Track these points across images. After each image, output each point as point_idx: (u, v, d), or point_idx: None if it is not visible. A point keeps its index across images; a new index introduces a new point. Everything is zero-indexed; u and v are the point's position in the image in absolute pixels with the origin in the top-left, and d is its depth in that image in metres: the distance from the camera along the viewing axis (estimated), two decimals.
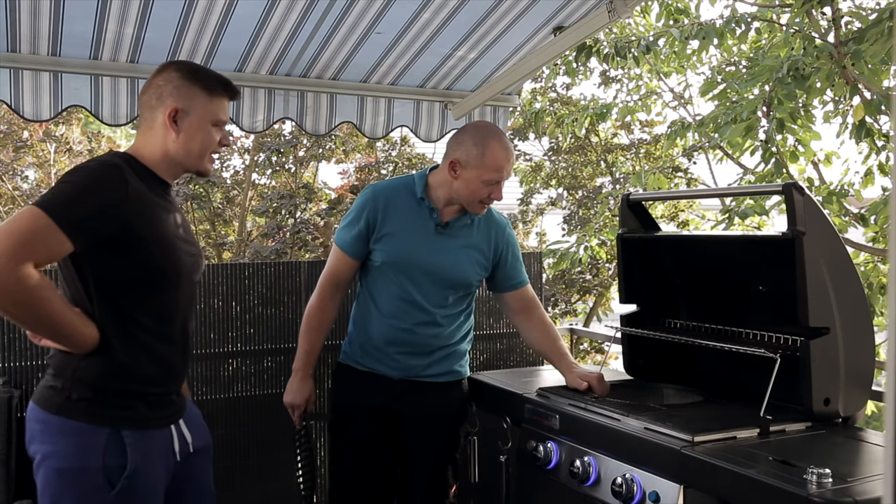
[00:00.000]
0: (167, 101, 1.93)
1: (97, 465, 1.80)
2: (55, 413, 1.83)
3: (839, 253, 2.21)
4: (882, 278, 4.91)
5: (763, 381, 2.17)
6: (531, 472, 2.50)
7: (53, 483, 1.82)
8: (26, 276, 1.64)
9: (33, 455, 1.88)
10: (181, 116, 1.93)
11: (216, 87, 1.98)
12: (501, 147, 2.53)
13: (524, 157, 9.99)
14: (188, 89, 1.94)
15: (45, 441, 1.84)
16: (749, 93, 5.22)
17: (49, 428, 1.84)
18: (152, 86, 1.97)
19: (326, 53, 3.21)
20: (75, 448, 1.81)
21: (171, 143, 1.94)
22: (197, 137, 1.96)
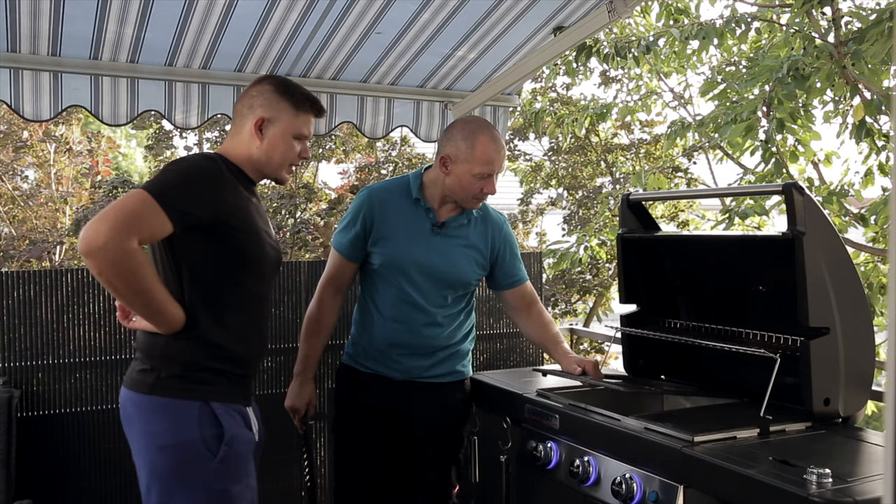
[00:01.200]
0: (257, 111, 2.09)
1: (195, 437, 1.91)
2: (148, 393, 1.93)
3: (839, 253, 2.21)
4: (882, 278, 4.91)
5: (763, 381, 2.16)
6: (531, 472, 2.50)
7: (158, 460, 1.92)
8: (132, 249, 1.79)
9: (130, 440, 1.98)
10: (267, 126, 2.09)
11: (303, 104, 2.13)
12: (491, 139, 2.52)
13: (524, 157, 9.99)
14: (277, 102, 2.10)
15: (141, 422, 1.94)
16: (749, 93, 5.21)
17: (143, 408, 1.94)
18: (246, 96, 2.14)
19: (326, 53, 3.21)
20: (171, 423, 1.91)
21: (255, 150, 2.09)
22: (279, 147, 2.10)
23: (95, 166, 10.02)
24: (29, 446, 2.86)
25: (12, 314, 2.89)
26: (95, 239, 1.75)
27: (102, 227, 1.76)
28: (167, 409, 1.92)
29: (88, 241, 1.75)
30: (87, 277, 3.01)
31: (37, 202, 9.53)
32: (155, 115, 5.97)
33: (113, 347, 3.03)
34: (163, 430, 1.91)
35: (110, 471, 3.01)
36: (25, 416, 2.89)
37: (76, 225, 8.49)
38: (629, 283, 2.81)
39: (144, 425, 1.93)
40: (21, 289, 2.90)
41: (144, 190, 1.85)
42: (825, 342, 2.14)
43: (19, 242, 8.98)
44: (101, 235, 1.76)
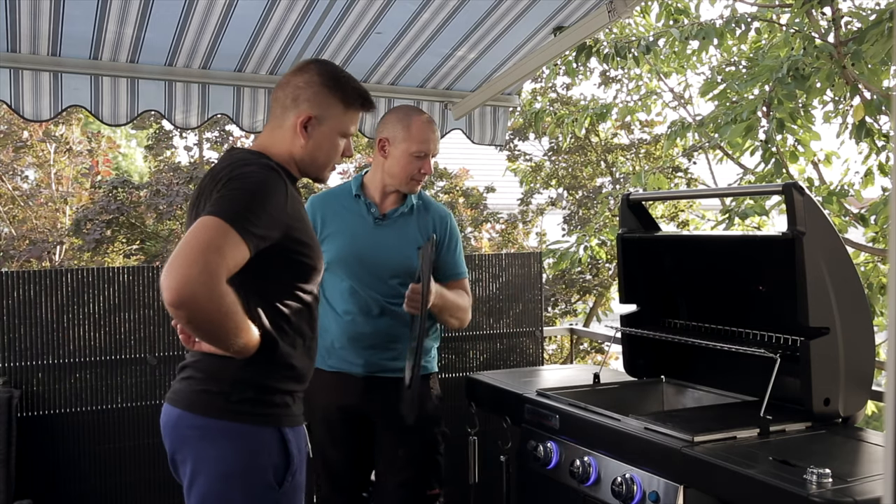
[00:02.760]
0: (302, 105, 1.89)
1: (266, 465, 1.78)
2: (217, 417, 1.78)
3: (839, 253, 2.21)
4: (882, 278, 4.91)
5: (763, 381, 2.17)
6: (531, 472, 2.50)
7: (219, 487, 1.77)
8: (224, 292, 1.59)
9: (184, 462, 1.81)
10: (313, 125, 1.89)
11: (354, 100, 1.94)
12: (424, 120, 2.65)
13: (524, 157, 9.99)
14: (326, 98, 1.90)
15: (205, 446, 1.78)
16: (749, 93, 5.21)
17: (210, 432, 1.78)
18: (290, 85, 1.91)
19: (326, 53, 3.21)
20: (243, 450, 1.77)
21: (297, 148, 1.90)
22: (324, 147, 1.93)
23: (95, 166, 10.02)
24: (29, 446, 2.86)
25: (12, 314, 2.89)
26: (184, 288, 1.53)
27: (190, 272, 1.54)
28: (239, 435, 1.77)
29: (178, 293, 1.54)
30: (86, 277, 3.01)
31: (37, 202, 9.53)
32: (155, 115, 5.97)
33: (113, 347, 3.03)
34: (233, 456, 1.76)
35: (110, 471, 3.01)
36: (25, 416, 2.89)
37: (76, 225, 8.48)
38: (629, 283, 2.81)
39: (209, 450, 1.77)
40: (21, 289, 2.90)
41: (219, 218, 1.62)
42: (825, 342, 2.14)
43: (19, 242, 8.99)
44: (190, 283, 1.54)
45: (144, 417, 3.06)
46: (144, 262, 8.63)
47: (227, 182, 1.73)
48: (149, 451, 3.07)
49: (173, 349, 3.11)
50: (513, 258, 3.73)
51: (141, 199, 8.73)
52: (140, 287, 3.08)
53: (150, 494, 3.07)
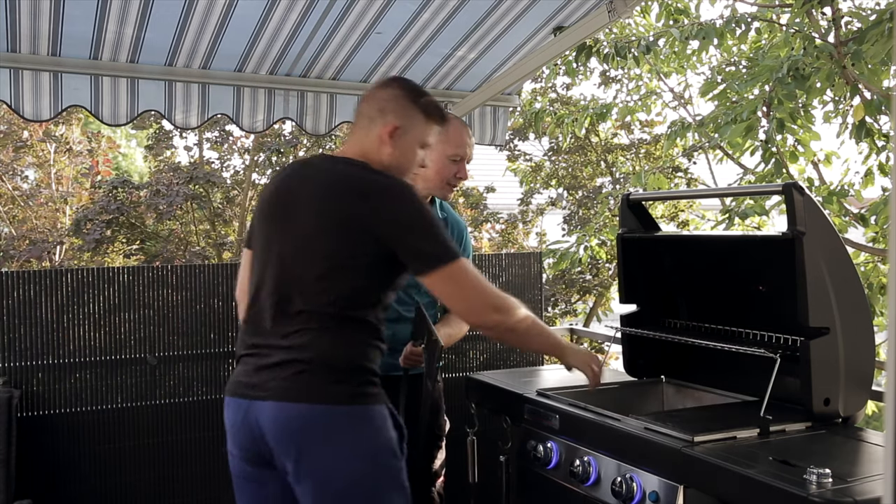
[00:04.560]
0: (388, 117, 2.05)
1: (389, 438, 1.94)
2: (347, 403, 1.91)
3: (839, 253, 2.21)
4: (882, 278, 4.91)
5: (763, 381, 2.16)
6: (531, 472, 2.50)
7: (362, 469, 1.90)
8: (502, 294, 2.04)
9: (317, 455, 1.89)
10: (399, 134, 2.05)
11: (434, 113, 2.12)
12: (461, 124, 2.63)
13: (524, 157, 9.99)
14: (409, 110, 2.07)
15: (343, 434, 1.89)
16: (749, 93, 5.21)
17: (344, 421, 1.90)
18: (375, 99, 2.09)
19: (326, 53, 3.21)
20: (373, 430, 1.92)
21: (385, 156, 2.05)
22: (408, 156, 2.09)
23: (95, 166, 10.02)
24: (29, 446, 2.86)
25: (12, 314, 2.89)
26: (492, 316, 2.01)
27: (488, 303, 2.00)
28: (367, 417, 1.92)
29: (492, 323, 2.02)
30: (86, 277, 3.01)
31: (37, 202, 9.53)
32: (155, 115, 5.97)
33: (113, 347, 3.03)
34: (366, 439, 1.90)
35: (110, 471, 3.01)
36: (25, 416, 2.89)
37: (76, 225, 8.48)
38: (629, 283, 2.81)
39: (346, 436, 1.89)
40: (21, 289, 2.90)
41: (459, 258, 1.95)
42: (825, 342, 2.14)
43: (19, 242, 8.99)
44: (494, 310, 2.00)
45: (144, 417, 3.07)
46: (144, 262, 8.63)
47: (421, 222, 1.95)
48: (149, 451, 3.07)
49: (173, 349, 3.11)
50: (513, 258, 3.73)
51: (141, 199, 8.73)
52: (140, 287, 3.07)
53: (150, 494, 3.07)
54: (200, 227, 9.35)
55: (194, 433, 3.14)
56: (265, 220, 2.06)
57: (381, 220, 1.91)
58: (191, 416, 3.14)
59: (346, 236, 1.92)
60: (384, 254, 1.92)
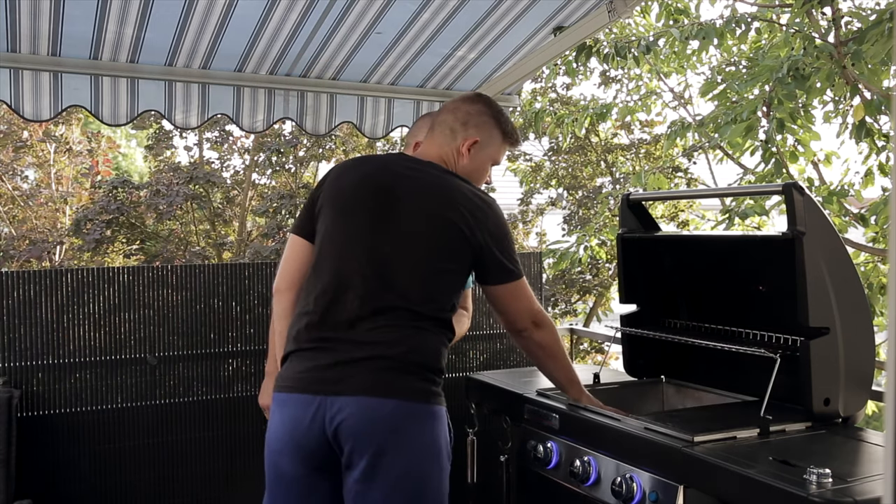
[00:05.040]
0: (470, 130, 2.16)
1: (447, 440, 2.03)
2: (426, 402, 1.97)
3: (839, 253, 2.21)
4: (882, 278, 4.91)
5: (763, 381, 2.16)
6: (531, 472, 2.50)
7: (433, 466, 1.96)
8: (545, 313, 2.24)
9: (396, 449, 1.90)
10: (477, 149, 2.17)
11: (511, 135, 2.23)
12: None
13: (524, 157, 9.99)
14: (491, 129, 2.19)
15: (422, 432, 1.94)
16: (749, 93, 5.21)
17: (424, 418, 1.96)
18: (460, 111, 2.19)
19: (326, 53, 3.21)
20: (441, 429, 2.00)
21: (460, 167, 2.16)
22: (480, 170, 2.21)
23: (95, 166, 10.03)
24: (29, 446, 2.86)
25: (12, 314, 2.89)
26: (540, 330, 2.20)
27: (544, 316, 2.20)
28: (440, 416, 2.00)
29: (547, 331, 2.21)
30: (86, 277, 3.01)
31: (37, 202, 9.53)
32: (155, 115, 5.97)
33: (113, 347, 3.03)
34: (437, 437, 1.97)
35: (110, 471, 3.01)
36: (25, 416, 2.89)
37: (76, 225, 8.48)
38: (629, 283, 2.81)
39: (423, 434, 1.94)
40: (21, 289, 2.90)
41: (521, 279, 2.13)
42: (825, 342, 2.14)
43: (19, 242, 8.99)
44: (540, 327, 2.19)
45: (144, 417, 3.07)
46: (144, 262, 8.63)
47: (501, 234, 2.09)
48: (149, 451, 3.07)
49: (173, 349, 3.11)
50: None
51: (141, 199, 8.73)
52: (140, 287, 3.07)
53: (150, 494, 3.07)
54: (200, 227, 9.35)
55: (194, 433, 3.14)
56: (347, 212, 2.04)
57: (482, 231, 2.03)
58: (191, 416, 3.14)
59: (449, 242, 2.01)
60: (473, 262, 2.07)
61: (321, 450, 1.89)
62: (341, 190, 2.07)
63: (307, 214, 2.12)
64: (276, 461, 1.96)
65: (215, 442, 3.17)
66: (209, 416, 3.16)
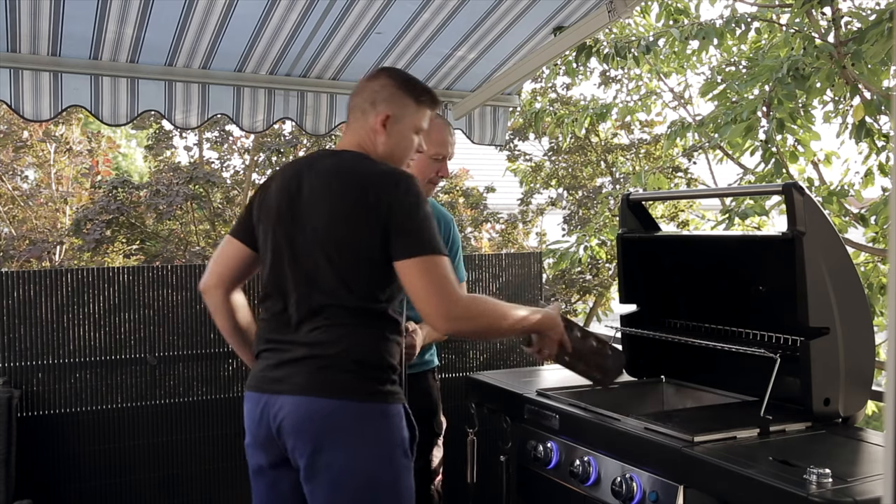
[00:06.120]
0: (380, 106, 2.07)
1: (401, 438, 1.95)
2: (369, 401, 1.92)
3: (839, 253, 2.21)
4: (882, 278, 4.91)
5: (763, 381, 2.16)
6: (531, 472, 2.50)
7: (376, 467, 1.92)
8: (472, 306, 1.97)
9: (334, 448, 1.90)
10: (391, 122, 2.08)
11: (424, 98, 2.13)
12: (443, 122, 2.66)
13: (524, 157, 9.99)
14: (400, 98, 2.09)
15: (363, 429, 1.91)
16: (749, 93, 5.21)
17: (368, 416, 1.92)
18: (366, 90, 2.11)
19: (326, 53, 3.21)
20: (391, 428, 1.94)
21: (380, 145, 2.08)
22: (402, 143, 2.11)
23: (95, 166, 10.02)
24: (29, 446, 2.86)
25: (12, 314, 2.89)
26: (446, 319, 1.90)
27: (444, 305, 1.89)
28: (389, 415, 1.94)
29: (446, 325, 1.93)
30: (87, 277, 3.01)
31: (37, 202, 9.53)
32: (155, 115, 5.97)
33: (113, 347, 3.03)
34: (385, 436, 1.92)
35: (110, 471, 3.01)
36: (25, 416, 2.89)
37: (76, 225, 8.48)
38: (629, 283, 2.81)
39: (364, 433, 1.90)
40: (21, 289, 2.90)
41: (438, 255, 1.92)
42: (825, 342, 2.14)
43: (19, 242, 8.98)
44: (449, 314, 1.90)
45: (144, 417, 3.07)
46: (144, 262, 8.63)
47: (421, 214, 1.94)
48: (149, 451, 3.07)
49: (173, 349, 3.11)
50: (513, 258, 3.73)
51: (141, 199, 8.72)
52: (140, 287, 3.07)
53: (150, 494, 3.07)
54: (200, 227, 9.34)
55: (194, 433, 3.14)
56: (273, 218, 2.04)
57: (386, 207, 1.91)
58: (191, 416, 3.14)
59: (356, 227, 1.93)
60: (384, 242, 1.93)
61: (273, 446, 1.96)
62: (267, 201, 2.09)
63: (243, 218, 2.17)
64: (248, 454, 2.06)
65: (215, 442, 3.17)
66: (209, 416, 3.16)
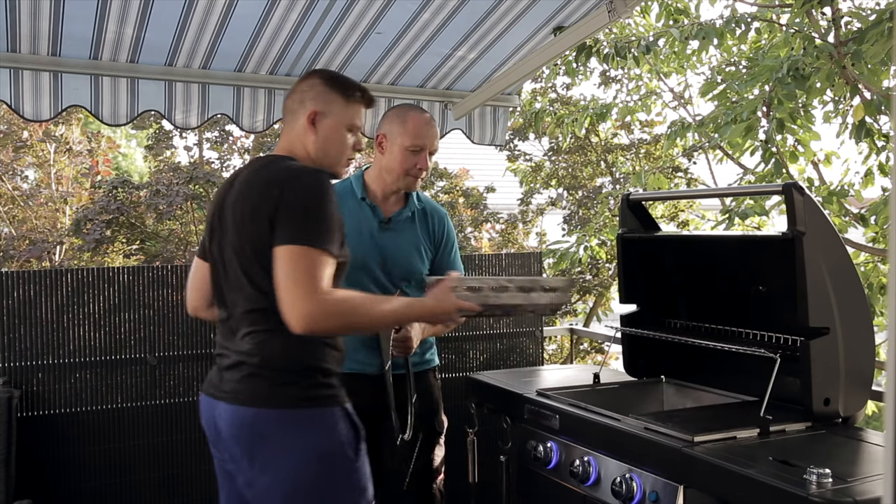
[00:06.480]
0: (308, 104, 2.05)
1: (340, 441, 1.91)
2: (292, 407, 1.90)
3: (839, 253, 2.21)
4: (882, 278, 4.90)
5: (763, 381, 2.17)
6: (531, 472, 2.50)
7: (310, 473, 1.88)
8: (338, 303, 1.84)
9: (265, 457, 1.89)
10: (319, 119, 2.05)
11: (353, 94, 2.09)
12: (421, 115, 2.67)
13: (524, 157, 9.99)
14: (327, 94, 2.06)
15: (288, 437, 1.89)
16: (749, 93, 5.21)
17: (292, 423, 1.90)
18: (296, 91, 2.09)
19: (326, 53, 3.21)
20: (323, 433, 1.90)
21: (311, 145, 2.06)
22: (333, 140, 2.07)
23: (95, 166, 10.01)
24: (29, 446, 2.86)
25: (12, 314, 2.89)
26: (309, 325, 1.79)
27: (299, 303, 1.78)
28: (317, 420, 1.90)
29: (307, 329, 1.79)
30: (87, 277, 3.01)
31: (37, 202, 9.52)
32: (155, 115, 5.97)
33: (113, 347, 3.03)
34: (314, 441, 1.89)
35: (110, 471, 3.01)
36: (25, 416, 2.89)
37: (76, 225, 8.48)
38: (629, 283, 2.81)
39: (291, 441, 1.88)
40: (21, 289, 2.90)
41: (308, 246, 1.82)
42: (825, 342, 2.14)
43: (19, 242, 8.98)
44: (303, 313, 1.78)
45: (144, 417, 3.07)
46: (144, 262, 8.63)
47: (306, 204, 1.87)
48: (149, 451, 3.07)
49: (173, 349, 3.11)
50: (513, 258, 3.73)
51: (141, 199, 8.72)
52: (140, 287, 3.07)
53: (150, 494, 3.07)
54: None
55: (194, 433, 3.13)
56: (208, 231, 2.08)
57: (277, 200, 1.86)
58: (191, 416, 3.14)
59: (258, 227, 1.89)
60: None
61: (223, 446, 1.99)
62: (209, 214, 2.11)
63: (203, 237, 2.18)
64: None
65: None
66: None
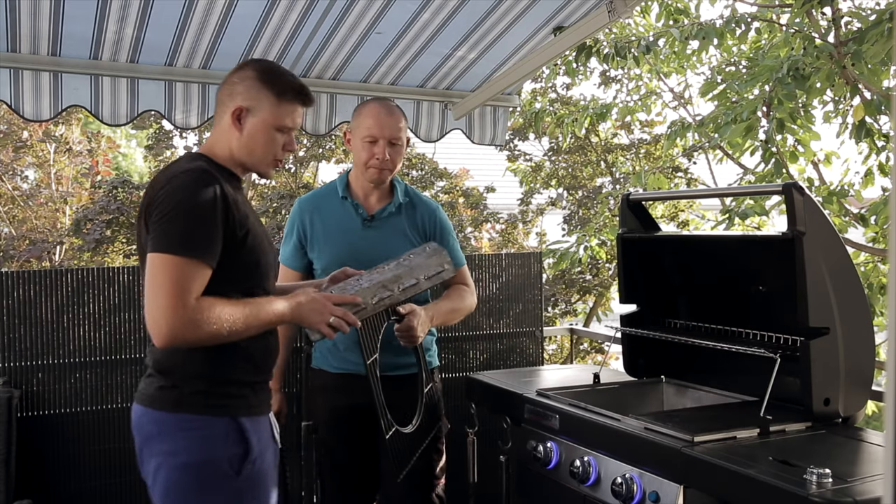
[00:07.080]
0: (236, 99, 1.93)
1: (220, 455, 1.84)
2: (171, 411, 1.85)
3: (839, 253, 2.21)
4: (882, 278, 4.90)
5: (763, 381, 2.17)
6: (531, 471, 2.50)
7: (180, 480, 1.84)
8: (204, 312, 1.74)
9: (149, 457, 1.88)
10: (246, 116, 1.93)
11: (286, 92, 1.96)
12: (376, 105, 2.63)
13: (524, 157, 9.99)
14: (258, 90, 1.94)
15: (164, 440, 1.85)
16: (749, 93, 5.21)
17: (167, 427, 1.85)
18: (228, 82, 1.98)
19: (326, 53, 3.21)
20: (198, 441, 1.83)
21: (234, 142, 1.94)
22: (259, 139, 1.94)
23: (95, 166, 10.01)
24: (29, 446, 2.86)
25: (12, 314, 2.89)
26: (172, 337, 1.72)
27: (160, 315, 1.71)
28: (193, 426, 1.84)
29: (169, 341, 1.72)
30: (87, 277, 3.01)
31: (37, 202, 9.52)
32: (155, 115, 5.97)
33: (113, 347, 3.03)
34: (189, 448, 1.83)
35: (110, 471, 3.01)
36: (25, 416, 2.89)
37: (76, 225, 8.48)
38: (629, 283, 2.81)
39: (168, 444, 1.84)
40: (21, 289, 2.90)
41: (172, 254, 1.73)
42: (825, 342, 2.14)
43: (19, 242, 8.98)
44: (164, 327, 1.71)
45: None
46: None
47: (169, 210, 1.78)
48: None
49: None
50: (513, 258, 3.73)
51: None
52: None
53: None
54: None
55: None
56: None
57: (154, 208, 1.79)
58: None
59: (142, 235, 1.84)
60: None
61: None
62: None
63: None
64: None
65: None
66: None
